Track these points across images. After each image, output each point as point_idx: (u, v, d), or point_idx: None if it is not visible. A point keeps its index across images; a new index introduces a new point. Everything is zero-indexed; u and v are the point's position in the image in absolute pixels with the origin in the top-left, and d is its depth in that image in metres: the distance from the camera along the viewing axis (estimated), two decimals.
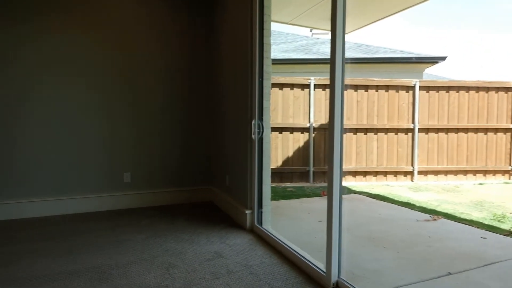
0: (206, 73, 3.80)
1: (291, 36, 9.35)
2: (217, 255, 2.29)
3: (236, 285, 1.86)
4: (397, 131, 5.61)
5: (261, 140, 2.81)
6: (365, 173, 5.59)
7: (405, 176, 5.64)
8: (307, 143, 5.54)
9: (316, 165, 5.52)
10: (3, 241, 2.51)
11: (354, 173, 5.56)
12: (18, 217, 3.09)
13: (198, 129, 3.80)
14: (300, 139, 5.55)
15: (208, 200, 3.84)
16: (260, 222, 2.80)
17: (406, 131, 5.62)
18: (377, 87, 5.60)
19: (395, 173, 5.62)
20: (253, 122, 2.77)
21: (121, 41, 3.41)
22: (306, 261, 2.04)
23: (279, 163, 5.48)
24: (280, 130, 5.47)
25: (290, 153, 5.53)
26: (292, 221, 3.25)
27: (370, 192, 4.79)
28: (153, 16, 3.53)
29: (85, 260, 2.19)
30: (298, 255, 2.12)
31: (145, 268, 2.07)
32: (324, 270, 1.88)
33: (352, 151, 5.55)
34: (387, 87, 5.60)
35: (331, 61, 1.82)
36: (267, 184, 2.87)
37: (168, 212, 3.34)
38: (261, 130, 2.78)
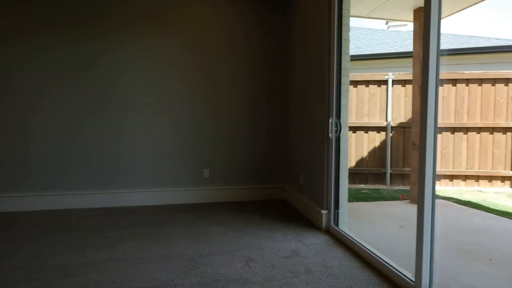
0: (279, 72, 3.84)
1: (364, 30, 8.90)
2: (295, 253, 2.30)
3: (316, 285, 1.84)
4: (492, 130, 4.94)
5: (338, 139, 2.74)
6: (451, 177, 5.04)
7: (502, 181, 4.93)
8: (383, 143, 5.21)
9: (393, 167, 5.17)
10: (108, 226, 2.88)
11: (439, 177, 5.06)
12: (118, 205, 3.51)
13: (272, 128, 3.86)
14: (375, 138, 5.25)
15: (281, 198, 3.88)
16: (337, 223, 2.73)
17: (505, 130, 4.91)
18: (468, 81, 5.00)
19: (490, 178, 4.95)
20: (330, 121, 2.71)
21: (197, 42, 3.63)
22: (391, 268, 1.92)
23: (353, 163, 5.26)
24: (354, 129, 5.25)
25: (365, 153, 5.27)
26: (369, 224, 3.10)
27: (459, 198, 4.30)
28: (225, 16, 3.69)
29: (174, 247, 2.39)
30: (382, 261, 2.01)
31: (226, 260, 2.18)
32: (413, 279, 1.74)
33: (437, 152, 5.04)
34: (480, 81, 4.96)
35: (424, 54, 1.68)
36: (344, 184, 2.78)
37: (244, 208, 3.46)
38: (339, 128, 2.70)
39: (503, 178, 4.93)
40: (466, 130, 5.00)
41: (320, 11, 2.90)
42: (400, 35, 8.20)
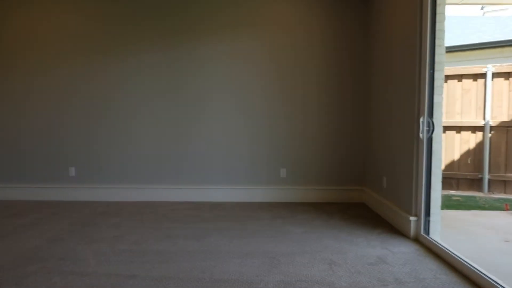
0: (359, 69, 3.67)
1: (454, 19, 7.97)
2: (381, 260, 2.17)
3: None
4: None
5: (430, 139, 2.51)
6: None
7: None
8: (480, 145, 4.61)
9: (493, 172, 4.53)
10: (195, 219, 3.10)
11: None
12: (203, 200, 3.76)
13: (352, 127, 3.72)
14: (470, 139, 4.67)
15: (360, 201, 3.71)
16: (427, 232, 2.49)
17: None
18: None
19: None
20: (421, 120, 2.49)
21: (274, 43, 3.67)
22: None
23: (442, 166, 4.76)
24: (444, 129, 4.74)
25: (456, 156, 4.73)
26: (465, 236, 2.77)
27: None
28: (303, 15, 3.65)
29: (256, 244, 2.46)
30: (488, 278, 1.77)
31: (308, 261, 2.16)
32: None
33: None
34: None
35: None
36: (437, 190, 2.53)
37: (322, 210, 3.40)
38: (431, 128, 2.47)
39: None
40: None
41: (407, 1, 2.69)
42: (500, 21, 7.15)
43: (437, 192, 2.52)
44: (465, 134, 4.69)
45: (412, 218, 2.58)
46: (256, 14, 3.67)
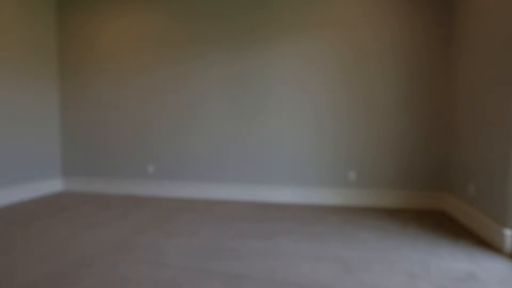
0: (440, 63, 3.36)
1: None
2: (470, 276, 1.96)
3: None
4: None
5: None
6: None
7: None
8: None
9: None
10: (262, 219, 3.16)
11: None
12: (269, 200, 3.83)
13: (430, 129, 3.43)
14: None
15: (438, 209, 3.41)
16: None
17: None
18: None
19: None
20: None
21: (345, 41, 3.54)
22: None
23: None
24: None
25: None
26: None
27: None
28: (381, 14, 3.46)
29: (327, 248, 2.41)
30: None
31: (386, 270, 2.05)
32: None
33: None
34: None
35: None
36: None
37: (396, 216, 3.20)
38: None
39: None
40: None
41: None
42: None
43: None
44: None
45: (508, 231, 2.28)
46: (323, 14, 3.59)
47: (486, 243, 2.48)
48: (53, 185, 4.36)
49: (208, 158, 4.00)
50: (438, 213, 3.28)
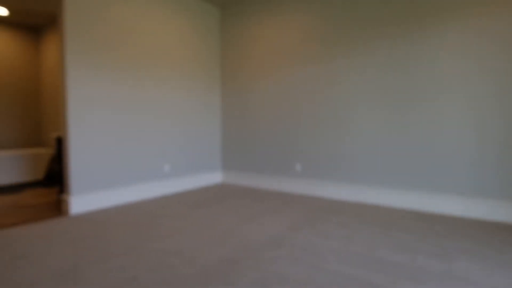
0: None
1: None
2: None
3: None
4: None
5: None
6: None
7: None
8: None
9: None
10: (429, 232, 2.70)
11: None
12: (433, 211, 3.27)
13: None
14: None
15: None
16: None
17: None
18: None
19: None
20: None
21: None
22: None
23: None
24: None
25: None
26: None
27: None
28: None
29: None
30: None
31: None
32: None
33: None
34: None
35: None
36: None
37: None
38: None
39: None
40: None
41: None
42: None
43: None
44: None
45: None
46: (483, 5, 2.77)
47: None
48: (215, 177, 5.00)
49: (359, 158, 3.74)
50: None
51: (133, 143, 3.87)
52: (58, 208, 3.58)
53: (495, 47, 2.93)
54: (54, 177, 5.72)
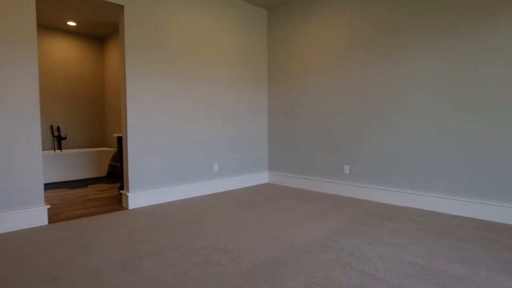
0: None
1: None
2: None
3: None
4: None
5: None
6: None
7: None
8: None
9: None
10: (495, 245, 2.46)
11: None
12: (498, 221, 2.97)
13: None
14: None
15: None
16: None
17: None
18: None
19: None
20: None
21: None
22: None
23: None
24: None
25: None
26: None
27: None
28: None
29: None
30: None
31: None
32: None
33: None
34: None
35: None
36: None
37: None
38: None
39: None
40: None
41: None
42: None
43: None
44: None
45: None
46: None
47: None
48: (262, 177, 5.05)
49: (414, 162, 3.52)
50: None
51: (185, 143, 4.06)
52: (118, 202, 3.89)
53: None
54: (115, 174, 6.21)
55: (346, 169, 4.12)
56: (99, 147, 6.52)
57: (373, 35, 3.80)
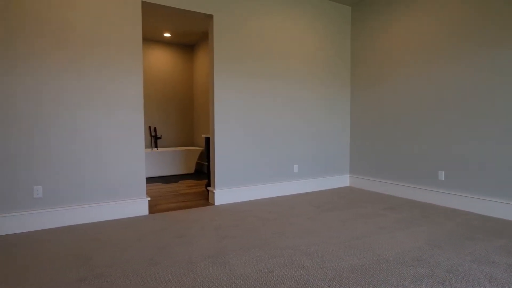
0: None
1: None
2: None
3: None
4: None
5: None
6: None
7: None
8: None
9: None
10: None
11: None
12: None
13: None
14: None
15: None
16: None
17: None
18: None
19: None
20: None
21: None
22: None
23: None
24: None
25: None
26: None
27: None
28: None
29: None
30: None
31: None
32: None
33: None
34: None
35: None
36: None
37: None
38: None
39: None
40: None
41: None
42: None
43: None
44: None
45: None
46: None
47: None
48: (343, 180, 4.88)
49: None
50: None
51: (267, 144, 4.17)
52: (205, 198, 4.20)
53: None
54: (202, 171, 6.71)
55: (441, 174, 3.71)
56: (187, 146, 7.13)
57: (480, 29, 3.34)
